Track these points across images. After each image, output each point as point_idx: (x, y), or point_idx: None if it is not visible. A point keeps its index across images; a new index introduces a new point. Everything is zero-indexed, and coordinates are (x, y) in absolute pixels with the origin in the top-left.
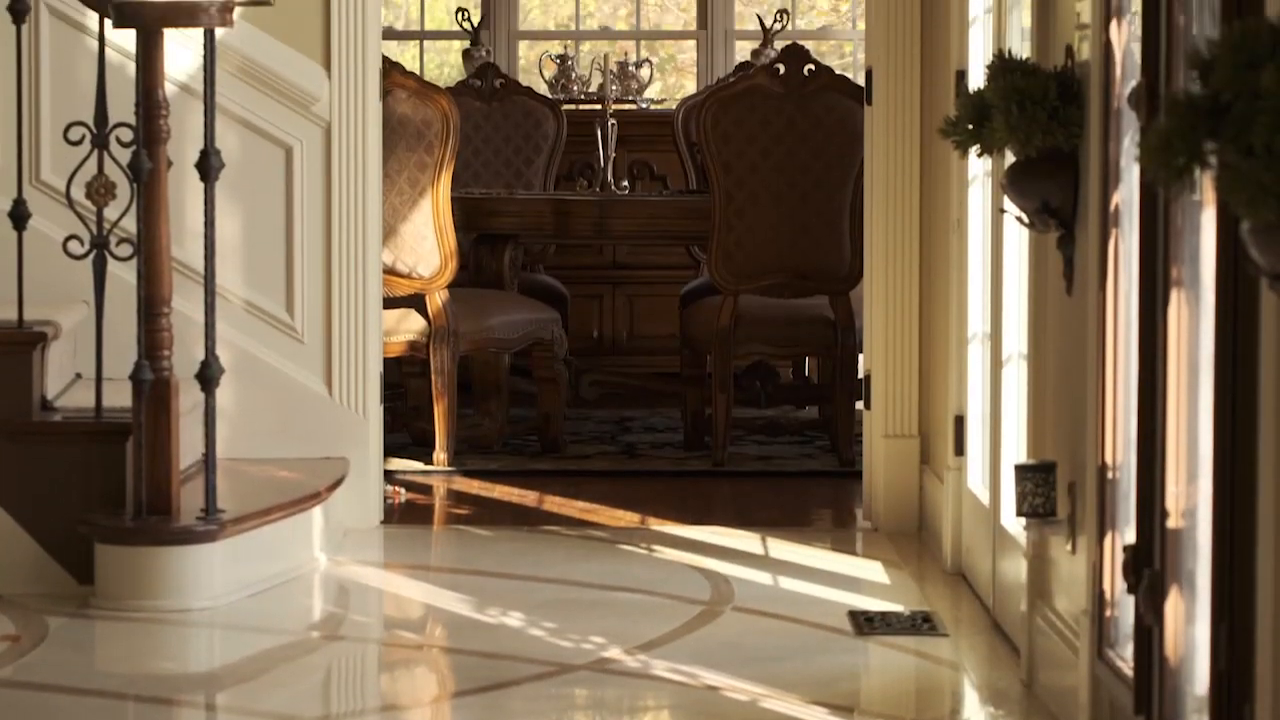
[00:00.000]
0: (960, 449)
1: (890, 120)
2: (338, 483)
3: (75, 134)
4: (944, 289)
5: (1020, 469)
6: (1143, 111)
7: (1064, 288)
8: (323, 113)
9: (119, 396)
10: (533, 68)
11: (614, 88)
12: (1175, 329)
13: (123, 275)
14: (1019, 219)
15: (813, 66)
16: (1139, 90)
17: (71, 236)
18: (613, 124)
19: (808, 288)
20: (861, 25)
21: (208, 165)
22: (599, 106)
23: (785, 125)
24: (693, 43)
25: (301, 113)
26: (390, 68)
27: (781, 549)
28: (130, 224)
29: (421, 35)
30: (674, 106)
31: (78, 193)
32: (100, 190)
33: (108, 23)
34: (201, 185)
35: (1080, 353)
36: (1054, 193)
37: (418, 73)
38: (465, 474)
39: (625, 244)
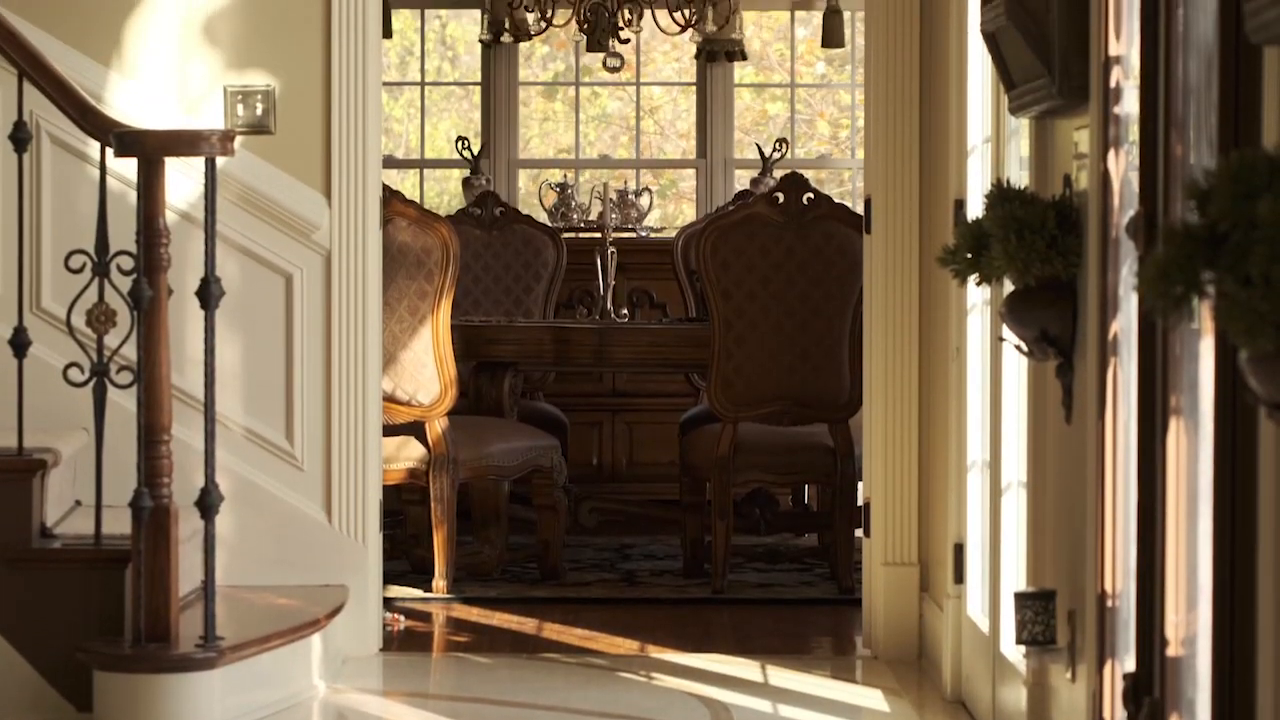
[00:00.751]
0: (960, 577)
1: (889, 249)
2: (337, 610)
3: (76, 262)
4: (943, 417)
5: (1020, 597)
6: (1141, 241)
7: (1063, 416)
8: (323, 240)
9: (118, 523)
10: (533, 196)
11: (613, 216)
12: (1174, 457)
13: (123, 402)
14: (1018, 347)
15: (812, 195)
16: (1137, 219)
17: (72, 364)
18: (612, 252)
19: (807, 415)
20: (860, 154)
21: (208, 293)
22: (599, 235)
23: (784, 253)
24: (692, 171)
25: (302, 240)
26: (390, 196)
27: (781, 676)
28: (130, 351)
29: (421, 164)
30: (673, 234)
31: (78, 320)
32: (101, 318)
33: (109, 151)
34: (202, 313)
35: (1079, 481)
36: (1053, 321)
37: (418, 201)
38: (464, 601)
39: (625, 371)
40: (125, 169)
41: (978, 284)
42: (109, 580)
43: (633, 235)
